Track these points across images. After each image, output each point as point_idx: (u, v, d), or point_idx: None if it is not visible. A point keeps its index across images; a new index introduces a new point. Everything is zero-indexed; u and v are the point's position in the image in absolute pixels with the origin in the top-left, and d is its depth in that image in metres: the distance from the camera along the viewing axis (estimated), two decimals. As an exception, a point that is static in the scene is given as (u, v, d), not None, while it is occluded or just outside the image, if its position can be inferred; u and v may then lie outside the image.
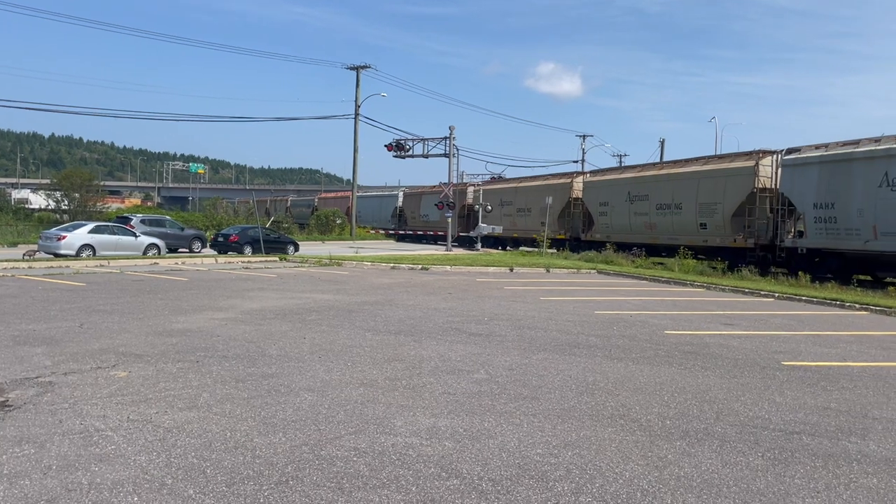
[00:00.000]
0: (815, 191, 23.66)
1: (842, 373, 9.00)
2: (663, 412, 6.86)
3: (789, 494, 4.85)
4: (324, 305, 14.32)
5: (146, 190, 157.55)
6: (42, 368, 7.95)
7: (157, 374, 7.85)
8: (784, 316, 14.91)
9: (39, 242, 27.63)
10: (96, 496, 4.48)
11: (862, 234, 21.97)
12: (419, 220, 56.48)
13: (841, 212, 22.64)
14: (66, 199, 53.57)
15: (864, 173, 21.91)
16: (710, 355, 9.92)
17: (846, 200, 22.51)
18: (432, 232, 53.81)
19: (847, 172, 22.60)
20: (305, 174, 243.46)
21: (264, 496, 4.55)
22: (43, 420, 6.01)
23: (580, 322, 12.84)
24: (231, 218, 61.65)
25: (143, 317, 12.06)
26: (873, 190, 21.51)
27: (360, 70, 56.07)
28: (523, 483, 4.90)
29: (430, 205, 52.92)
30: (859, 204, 22.05)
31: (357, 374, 8.14)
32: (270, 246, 32.74)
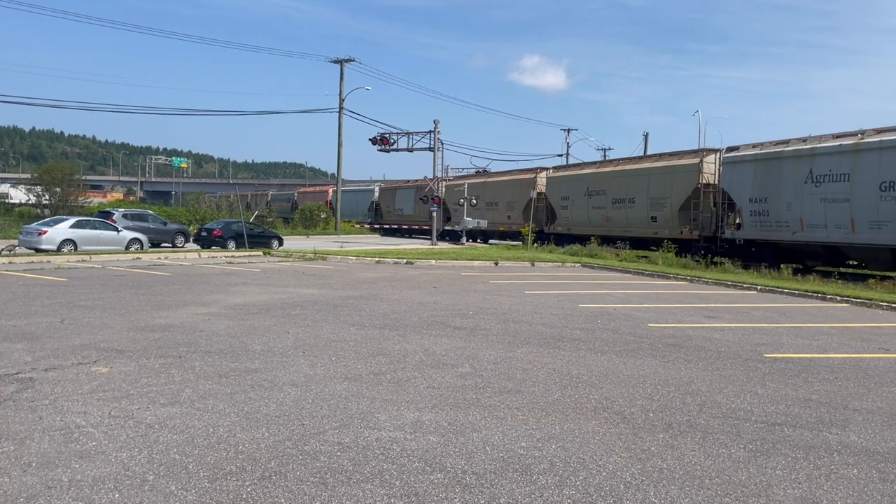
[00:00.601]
0: (750, 186, 25.72)
1: (823, 364, 9.08)
2: (646, 405, 6.89)
3: (771, 486, 4.88)
4: (308, 300, 14.27)
5: (129, 184, 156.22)
6: (22, 364, 7.86)
7: (139, 369, 7.79)
8: (766, 308, 15.03)
9: (20, 237, 27.35)
10: (77, 493, 4.44)
11: (791, 226, 24.06)
12: (394, 214, 58.34)
13: (773, 205, 24.74)
14: (47, 194, 53.06)
15: (792, 170, 24.03)
16: (693, 348, 9.98)
17: (777, 195, 24.58)
18: (406, 225, 55.71)
19: (778, 169, 24.68)
20: (290, 168, 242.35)
21: (247, 492, 4.53)
22: (23, 417, 5.95)
23: (564, 315, 12.88)
24: (214, 212, 61.27)
25: (126, 312, 11.97)
26: (800, 186, 23.61)
27: (344, 63, 55.85)
28: (507, 476, 4.91)
29: (403, 199, 55.91)
30: (788, 198, 24.10)
31: (341, 368, 8.12)
32: (254, 240, 32.59)
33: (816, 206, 23.08)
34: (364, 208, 64.19)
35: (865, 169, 21.64)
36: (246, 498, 4.44)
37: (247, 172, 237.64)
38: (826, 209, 22.74)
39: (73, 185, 55.19)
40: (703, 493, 4.72)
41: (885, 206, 20.90)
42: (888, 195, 20.80)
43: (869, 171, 21.51)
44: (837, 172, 22.50)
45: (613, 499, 4.57)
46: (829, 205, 22.67)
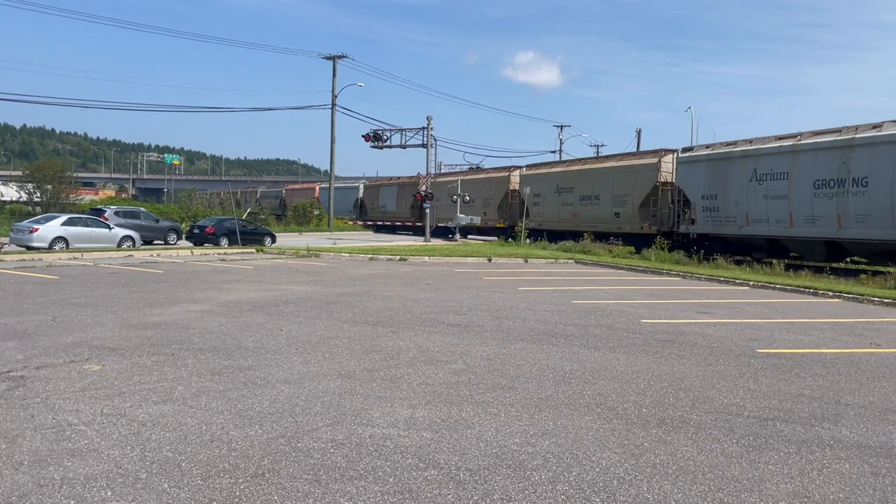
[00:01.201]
0: (703, 184, 27.62)
1: (815, 360, 9.11)
2: (640, 400, 6.91)
3: (763, 480, 4.90)
4: (301, 297, 14.24)
5: (120, 181, 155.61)
6: (14, 362, 7.82)
7: (131, 367, 7.77)
8: (759, 304, 15.08)
9: (11, 235, 27.23)
10: (69, 491, 4.42)
11: (737, 221, 25.98)
12: (378, 211, 60.19)
13: (722, 202, 26.64)
14: (38, 191, 52.82)
15: (739, 169, 25.91)
16: (686, 343, 10.00)
17: (725, 192, 26.47)
18: (389, 222, 57.48)
19: (726, 169, 26.59)
20: (282, 165, 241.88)
21: (240, 489, 4.52)
22: (14, 415, 5.92)
23: (558, 311, 12.89)
24: (207, 209, 61.12)
25: (118, 310, 11.92)
26: (745, 184, 25.46)
27: (336, 60, 55.69)
28: (501, 472, 4.91)
29: (387, 196, 58.05)
30: (736, 195, 25.95)
31: (334, 365, 8.11)
32: (247, 237, 32.54)
33: (760, 202, 24.84)
34: (350, 205, 65.45)
35: (802, 168, 23.41)
36: (239, 495, 4.43)
37: (239, 169, 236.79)
38: (768, 205, 24.49)
39: (65, 182, 54.98)
40: (696, 487, 4.73)
41: (818, 202, 22.67)
42: (821, 192, 22.55)
43: (805, 171, 23.27)
44: (778, 171, 24.29)
45: (607, 494, 4.58)
46: (770, 201, 24.39)
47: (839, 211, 21.99)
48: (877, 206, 20.84)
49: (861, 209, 21.38)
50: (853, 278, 19.92)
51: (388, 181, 61.24)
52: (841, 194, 21.93)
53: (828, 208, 22.37)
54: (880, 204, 20.73)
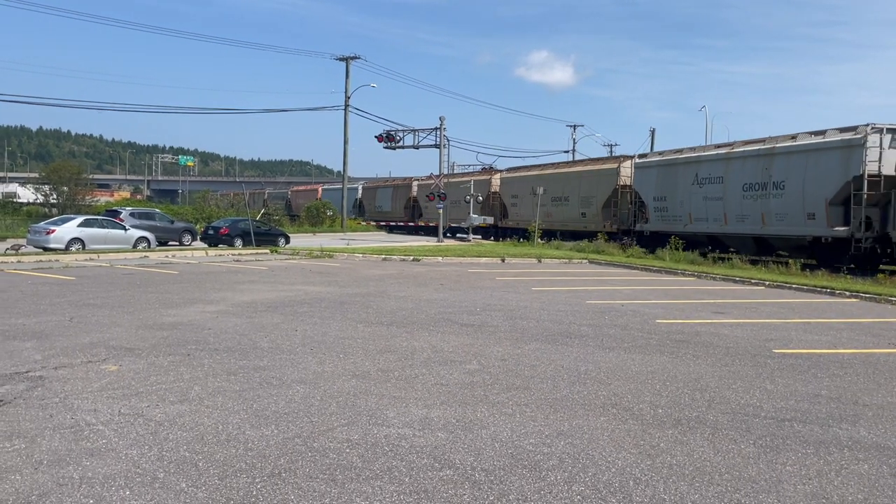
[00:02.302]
0: (654, 187, 30.96)
1: (832, 360, 9.05)
2: (655, 401, 6.88)
3: (781, 481, 4.87)
4: (315, 297, 14.29)
5: (135, 183, 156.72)
6: (32, 363, 7.90)
7: (148, 367, 7.82)
8: (775, 304, 14.98)
9: (28, 236, 27.48)
10: (88, 490, 4.46)
11: (683, 220, 29.29)
12: (375, 211, 64.37)
13: (670, 203, 30.00)
14: (54, 193, 53.29)
15: (684, 174, 29.30)
16: (702, 344, 9.95)
17: (673, 195, 29.79)
18: (384, 221, 61.38)
19: (674, 173, 29.92)
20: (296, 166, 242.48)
21: (257, 489, 4.54)
22: (33, 415, 5.97)
23: (572, 312, 12.86)
24: (221, 210, 61.50)
25: (134, 310, 12.01)
26: (689, 187, 28.84)
27: (349, 61, 55.81)
28: (516, 473, 4.90)
29: (383, 197, 62.64)
30: (681, 197, 29.30)
31: (349, 365, 8.13)
32: (261, 238, 32.67)
33: (700, 203, 28.26)
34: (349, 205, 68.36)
35: (733, 173, 26.73)
36: (256, 495, 4.45)
37: (253, 170, 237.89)
38: (707, 206, 27.87)
39: (81, 184, 55.46)
40: (712, 488, 4.71)
41: (746, 203, 26.00)
42: (748, 194, 25.89)
43: (735, 175, 26.58)
44: (714, 176, 27.63)
45: (623, 495, 4.57)
46: (709, 202, 27.76)
47: (763, 210, 25.26)
48: (791, 206, 24.05)
49: (780, 209, 24.57)
50: (870, 278, 19.75)
51: (384, 183, 66.30)
52: (764, 196, 25.22)
53: (754, 208, 25.65)
54: (794, 204, 23.94)
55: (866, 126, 22.09)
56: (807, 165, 23.69)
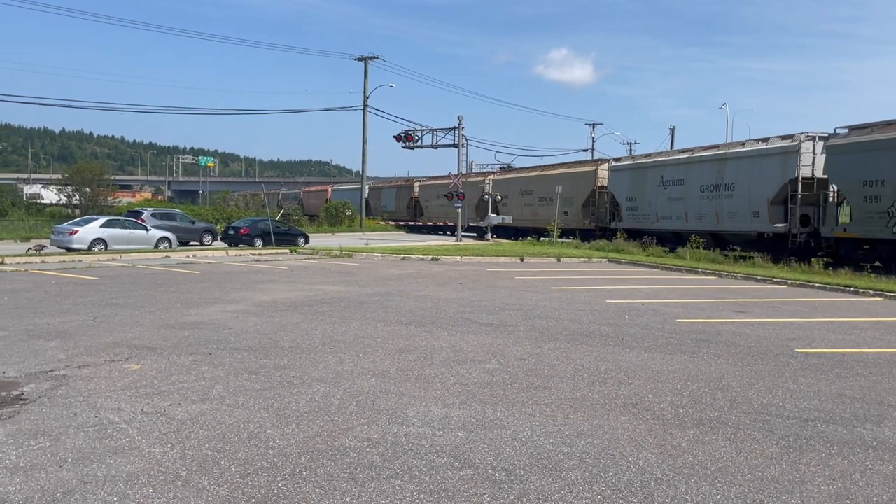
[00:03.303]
0: (626, 189, 34.20)
1: (856, 359, 8.94)
2: (676, 400, 6.84)
3: (804, 482, 4.82)
4: (335, 297, 14.34)
5: (157, 184, 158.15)
6: (56, 362, 8.00)
7: (170, 366, 7.89)
8: (797, 303, 14.83)
9: (52, 237, 27.78)
10: (112, 488, 4.50)
11: (650, 219, 32.45)
12: (380, 210, 66.40)
13: (640, 203, 33.19)
14: (77, 194, 53.86)
15: (652, 177, 32.43)
16: (723, 343, 9.88)
17: (642, 196, 32.97)
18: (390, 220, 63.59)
19: (643, 176, 33.05)
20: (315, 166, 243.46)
21: (278, 487, 4.57)
22: (58, 413, 6.05)
23: (591, 311, 12.81)
24: (241, 211, 61.94)
25: (156, 310, 12.11)
26: (655, 188, 31.96)
27: (368, 61, 55.94)
28: (536, 472, 4.89)
29: (387, 197, 65.63)
30: (649, 198, 32.42)
31: (369, 364, 8.15)
32: (281, 238, 32.82)
33: (665, 203, 31.48)
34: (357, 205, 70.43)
35: (693, 176, 29.92)
36: (277, 493, 4.48)
37: (272, 171, 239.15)
38: (671, 205, 31.03)
39: (103, 184, 55.99)
40: (735, 489, 4.67)
41: (703, 202, 29.22)
42: (705, 195, 29.10)
43: (694, 178, 29.78)
44: (677, 178, 30.79)
45: (644, 495, 4.55)
46: (672, 202, 30.90)
47: (717, 209, 28.45)
48: (740, 205, 27.13)
49: (731, 208, 27.68)
50: (895, 277, 19.49)
51: (388, 183, 69.53)
52: (718, 196, 28.37)
53: (710, 207, 28.85)
54: (742, 203, 27.00)
55: (801, 134, 24.99)
56: (752, 169, 26.76)
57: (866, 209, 22.28)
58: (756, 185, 26.48)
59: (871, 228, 22.17)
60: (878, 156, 21.85)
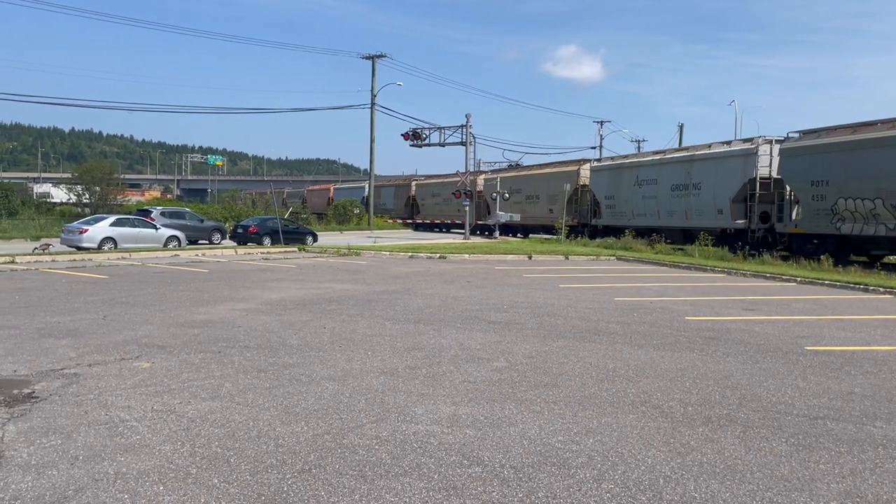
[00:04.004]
0: (605, 188, 37.04)
1: (866, 357, 8.91)
2: (685, 398, 6.83)
3: (814, 480, 4.81)
4: (343, 295, 14.37)
5: (165, 182, 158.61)
6: (67, 360, 8.04)
7: (179, 364, 7.93)
8: (806, 300, 14.77)
9: (62, 236, 27.92)
10: (123, 485, 4.53)
11: (626, 216, 35.03)
12: (379, 208, 67.45)
13: (618, 201, 35.91)
14: (87, 193, 54.09)
15: (628, 177, 35.09)
16: (732, 341, 9.85)
17: (620, 194, 35.69)
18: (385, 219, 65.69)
19: (620, 176, 35.82)
20: (323, 164, 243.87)
21: (288, 484, 4.59)
22: (69, 411, 6.09)
23: (600, 309, 12.80)
24: (250, 209, 62.16)
25: (165, 308, 12.17)
26: (631, 188, 34.55)
27: (375, 59, 56.00)
28: (545, 470, 4.90)
29: (387, 195, 67.69)
30: (625, 196, 35.12)
31: (377, 362, 8.17)
32: (289, 237, 32.90)
33: (640, 201, 34.01)
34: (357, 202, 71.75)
35: (664, 176, 32.41)
36: (287, 490, 4.50)
37: (280, 169, 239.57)
38: (645, 203, 33.55)
39: (112, 183, 56.21)
40: (744, 487, 4.66)
41: (674, 200, 31.74)
42: (675, 193, 31.59)
43: (666, 178, 32.23)
44: (650, 178, 33.31)
45: (653, 493, 4.54)
46: (647, 200, 33.37)
47: (686, 207, 31.01)
48: (706, 203, 29.66)
49: (698, 206, 30.24)
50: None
51: (388, 182, 71.61)
52: (686, 195, 30.88)
53: (679, 205, 31.37)
54: (708, 202, 29.59)
55: (759, 138, 27.51)
56: (716, 170, 29.25)
57: (814, 207, 24.39)
58: (719, 185, 28.94)
59: (818, 224, 24.29)
60: (823, 158, 24.06)
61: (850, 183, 23.03)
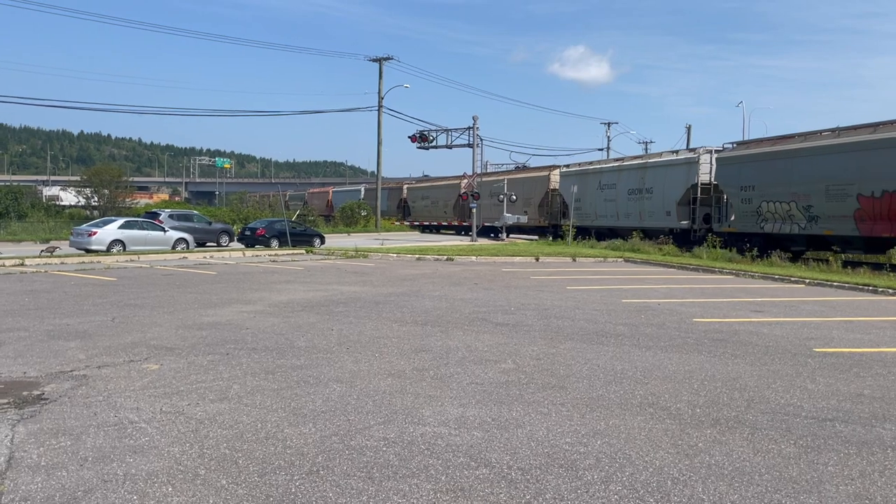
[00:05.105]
0: (573, 191, 39.23)
1: (875, 359, 8.87)
2: (693, 400, 6.81)
3: (822, 482, 4.79)
4: (351, 297, 14.39)
5: (174, 185, 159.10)
6: (76, 362, 8.09)
7: (188, 366, 7.96)
8: (815, 302, 14.71)
9: (71, 238, 28.07)
10: (132, 487, 4.56)
11: (591, 217, 38.39)
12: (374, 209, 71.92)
13: (585, 204, 39.04)
14: (95, 196, 54.41)
15: (593, 182, 38.55)
16: (740, 342, 9.82)
17: (585, 197, 38.74)
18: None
19: (586, 181, 39.04)
20: (330, 167, 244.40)
21: (296, 486, 4.60)
22: (78, 413, 6.12)
23: (607, 311, 12.78)
24: (257, 211, 62.38)
25: (174, 310, 12.21)
26: (595, 191, 38.01)
27: (382, 62, 56.10)
28: (553, 472, 4.90)
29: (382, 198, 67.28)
30: (591, 199, 38.47)
31: (385, 364, 8.18)
32: (297, 239, 32.96)
33: (602, 204, 37.51)
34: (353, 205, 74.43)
35: (622, 181, 35.96)
36: (294, 492, 4.51)
37: (288, 172, 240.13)
38: (606, 206, 36.94)
39: (121, 186, 56.55)
40: (752, 489, 4.65)
41: (630, 203, 35.19)
42: (631, 197, 35.09)
43: (623, 183, 35.78)
44: (611, 183, 36.74)
45: (661, 495, 4.54)
46: (607, 203, 36.75)
47: (640, 209, 34.43)
48: (657, 206, 33.18)
49: (650, 208, 33.73)
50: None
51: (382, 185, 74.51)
52: (640, 199, 34.37)
53: (635, 207, 34.80)
54: (658, 204, 33.09)
55: (701, 148, 31.64)
56: (665, 176, 32.72)
57: (743, 209, 28.00)
58: (668, 190, 32.46)
59: (747, 224, 27.82)
60: (750, 167, 27.76)
61: (770, 188, 26.54)
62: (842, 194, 23.61)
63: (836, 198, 23.85)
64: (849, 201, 23.36)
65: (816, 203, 24.60)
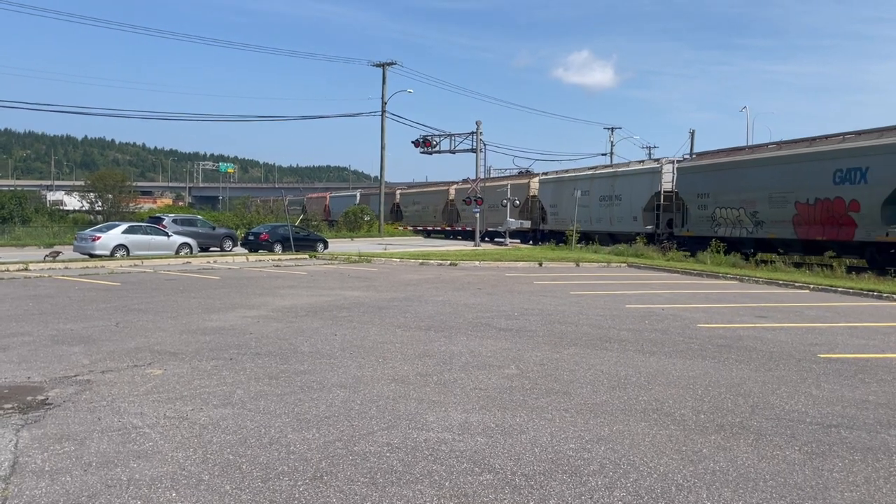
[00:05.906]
0: (550, 198, 43.59)
1: (880, 365, 8.84)
2: (697, 406, 6.80)
3: (827, 488, 4.78)
4: (354, 302, 14.40)
5: (177, 190, 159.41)
6: (80, 367, 8.09)
7: (191, 371, 7.96)
8: (819, 307, 14.68)
9: (75, 243, 28.11)
10: (136, 492, 4.56)
11: (566, 222, 39.51)
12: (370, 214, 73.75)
13: (560, 210, 42.06)
14: (99, 201, 54.50)
15: (568, 188, 40.61)
16: (745, 348, 9.80)
17: (561, 203, 41.82)
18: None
19: (562, 188, 42.36)
20: (333, 172, 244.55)
21: (299, 491, 4.60)
22: (82, 418, 6.12)
23: (611, 316, 12.77)
24: (261, 216, 62.47)
25: (177, 315, 12.23)
26: (570, 198, 38.76)
27: (386, 67, 56.20)
28: (556, 478, 4.89)
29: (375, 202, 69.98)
30: (566, 205, 40.35)
31: (388, 370, 8.18)
32: (300, 244, 32.98)
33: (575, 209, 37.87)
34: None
35: (595, 189, 38.88)
36: (298, 497, 4.50)
37: (292, 176, 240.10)
38: (580, 211, 37.71)
39: (125, 191, 56.63)
40: (756, 495, 4.64)
41: (601, 210, 38.55)
42: (602, 203, 38.32)
43: (596, 190, 38.81)
44: (584, 190, 38.24)
45: (665, 501, 4.53)
46: (581, 209, 37.60)
47: (610, 215, 37.84)
48: (625, 211, 36.36)
49: (619, 214, 37.02)
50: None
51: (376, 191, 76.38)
52: (610, 205, 37.74)
53: (606, 213, 38.18)
54: (626, 210, 36.27)
55: (664, 158, 35.29)
56: (632, 184, 35.89)
57: (699, 214, 30.99)
58: (634, 197, 35.55)
59: (703, 229, 30.73)
60: (705, 176, 30.74)
61: (723, 196, 29.36)
62: (782, 201, 26.23)
63: (777, 204, 26.50)
64: (788, 207, 26.00)
65: (762, 209, 27.23)
